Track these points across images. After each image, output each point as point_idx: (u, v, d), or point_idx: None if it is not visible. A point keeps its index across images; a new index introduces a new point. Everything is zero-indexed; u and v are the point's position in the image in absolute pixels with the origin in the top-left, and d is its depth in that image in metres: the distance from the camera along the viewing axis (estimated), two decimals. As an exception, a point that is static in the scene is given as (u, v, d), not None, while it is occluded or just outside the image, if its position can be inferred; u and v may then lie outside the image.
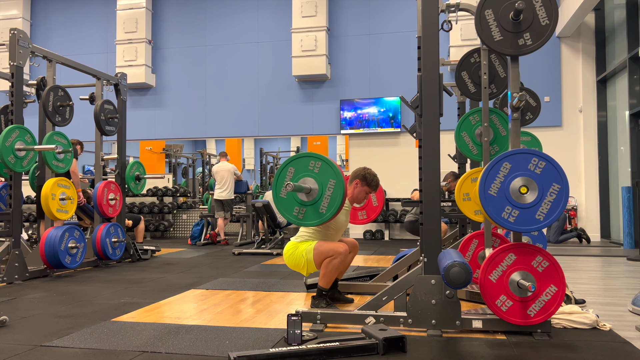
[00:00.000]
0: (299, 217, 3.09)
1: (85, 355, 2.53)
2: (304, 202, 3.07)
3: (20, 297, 4.04)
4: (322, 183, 3.05)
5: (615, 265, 5.82)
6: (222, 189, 8.31)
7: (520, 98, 2.84)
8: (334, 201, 3.03)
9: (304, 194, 3.06)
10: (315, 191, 3.05)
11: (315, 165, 3.06)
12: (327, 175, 3.05)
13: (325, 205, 3.04)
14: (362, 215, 4.29)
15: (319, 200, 3.05)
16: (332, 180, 3.04)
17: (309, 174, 3.06)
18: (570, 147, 8.90)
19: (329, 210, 3.04)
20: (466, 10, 3.40)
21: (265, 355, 2.38)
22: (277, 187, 3.11)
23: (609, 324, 3.00)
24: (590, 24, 8.90)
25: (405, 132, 6.85)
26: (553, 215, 2.63)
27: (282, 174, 3.11)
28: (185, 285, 4.56)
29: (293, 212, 3.09)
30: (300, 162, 3.10)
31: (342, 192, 3.02)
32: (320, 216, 3.06)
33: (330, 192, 3.03)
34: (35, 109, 5.79)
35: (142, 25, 10.44)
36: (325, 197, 3.04)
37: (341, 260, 3.36)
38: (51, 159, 5.23)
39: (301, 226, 3.26)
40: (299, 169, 3.08)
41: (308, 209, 3.07)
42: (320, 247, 3.37)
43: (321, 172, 3.05)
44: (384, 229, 9.43)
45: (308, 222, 3.10)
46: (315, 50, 9.55)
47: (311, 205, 3.06)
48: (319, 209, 3.05)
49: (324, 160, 3.07)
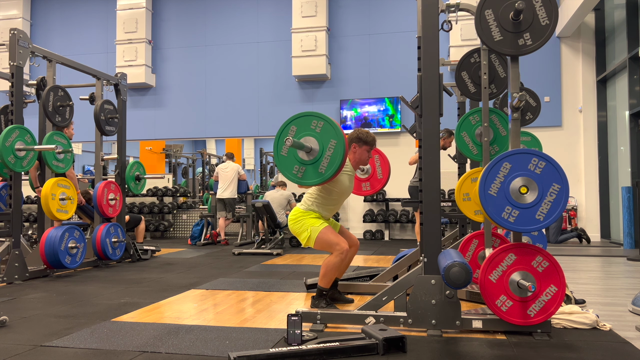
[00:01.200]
0: (298, 175, 3.09)
1: (85, 355, 2.53)
2: (304, 161, 3.06)
3: (20, 297, 4.04)
4: (323, 143, 3.04)
5: (615, 265, 5.82)
6: (225, 188, 8.30)
7: (520, 98, 2.84)
8: (333, 161, 3.02)
9: (305, 152, 3.05)
10: (316, 151, 3.04)
11: (318, 125, 3.06)
12: (329, 135, 3.04)
13: (325, 165, 3.03)
14: (366, 187, 4.24)
15: (319, 159, 3.04)
16: (333, 140, 3.03)
17: (311, 133, 3.06)
18: (570, 147, 8.90)
19: (328, 170, 3.03)
20: (466, 10, 3.40)
21: (265, 355, 2.38)
22: (278, 145, 3.11)
23: (609, 324, 3.00)
24: (590, 24, 8.91)
25: (405, 132, 6.85)
26: (553, 215, 2.63)
27: (284, 131, 3.10)
28: (185, 285, 4.56)
29: (292, 170, 3.09)
30: (302, 120, 3.09)
31: (342, 152, 3.01)
32: (319, 175, 3.05)
33: (330, 152, 3.02)
34: (35, 109, 5.79)
35: (142, 25, 10.44)
36: (325, 157, 3.03)
37: (341, 260, 3.36)
38: (51, 159, 5.23)
39: (300, 185, 3.23)
40: (301, 128, 3.07)
41: (308, 168, 3.06)
42: (325, 236, 3.38)
43: (323, 132, 3.04)
44: (384, 229, 9.43)
45: (307, 181, 3.09)
46: (315, 50, 9.55)
47: (311, 165, 3.05)
48: (319, 169, 3.04)
49: (326, 120, 3.06)
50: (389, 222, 9.32)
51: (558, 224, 8.10)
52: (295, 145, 2.97)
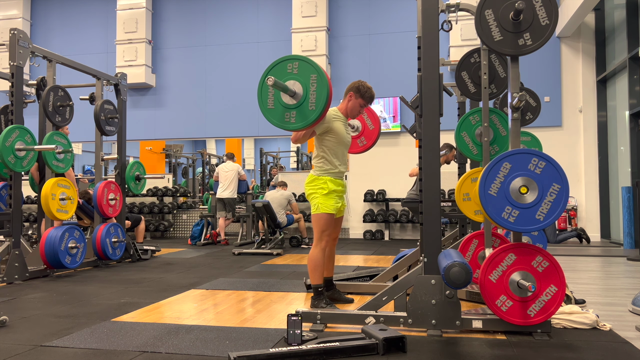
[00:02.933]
0: (291, 121, 3.06)
1: (85, 355, 2.53)
2: (291, 105, 3.04)
3: (20, 297, 4.04)
4: (305, 82, 3.01)
5: (615, 265, 5.82)
6: (224, 188, 8.30)
7: (520, 98, 2.84)
8: (320, 95, 2.99)
9: (290, 97, 3.02)
10: (300, 92, 3.01)
11: (293, 67, 3.03)
12: (307, 72, 3.01)
13: (313, 102, 3.01)
14: (362, 142, 4.19)
15: (306, 98, 3.02)
16: (313, 75, 3.00)
17: (290, 76, 3.03)
18: (570, 147, 8.90)
19: (318, 106, 3.00)
20: (466, 10, 3.40)
21: (265, 355, 2.38)
22: (262, 99, 3.08)
23: (609, 324, 3.00)
24: (590, 24, 8.90)
25: (405, 132, 6.85)
26: (553, 215, 2.64)
27: (263, 84, 3.07)
28: (185, 285, 4.56)
29: (284, 118, 3.06)
30: (278, 68, 3.06)
31: (325, 83, 2.98)
32: (309, 114, 3.01)
33: (314, 87, 3.00)
34: (35, 109, 5.79)
35: (142, 25, 10.44)
36: (310, 93, 3.01)
37: (320, 249, 3.41)
38: (51, 159, 5.23)
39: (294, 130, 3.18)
40: (279, 75, 3.04)
41: (297, 111, 3.04)
42: (321, 220, 3.43)
43: (300, 71, 3.02)
44: (384, 229, 9.42)
45: (301, 123, 3.05)
46: (315, 50, 9.54)
47: (300, 106, 3.03)
48: (308, 107, 3.01)
49: (300, 59, 3.04)
50: (389, 222, 9.32)
51: (553, 224, 8.11)
52: (277, 85, 2.93)
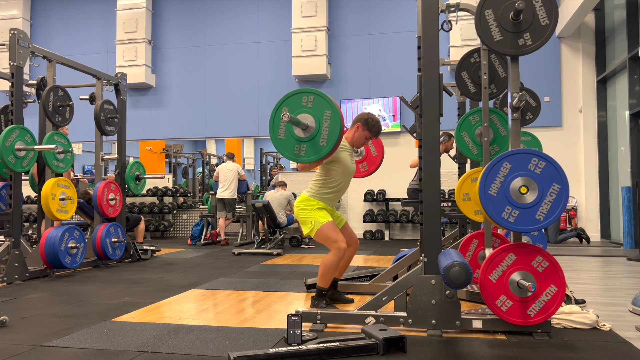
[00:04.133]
0: (300, 154, 3.04)
1: (85, 355, 2.53)
2: (302, 138, 3.02)
3: (20, 297, 4.04)
4: (318, 116, 3.00)
5: (615, 265, 5.82)
6: (224, 188, 8.30)
7: (520, 98, 2.84)
8: (332, 132, 2.98)
9: (301, 130, 3.01)
10: (313, 126, 3.00)
11: (309, 100, 3.02)
12: (322, 107, 3.00)
13: (325, 138, 2.99)
14: (364, 167, 4.20)
15: (318, 133, 3.00)
16: (327, 111, 2.99)
17: (304, 110, 3.02)
18: (570, 147, 8.90)
19: (329, 142, 2.99)
20: (466, 10, 3.40)
21: (265, 355, 2.38)
22: (274, 128, 3.06)
23: (609, 324, 3.00)
24: (590, 24, 8.90)
25: (405, 132, 6.85)
26: (553, 215, 2.63)
27: (277, 114, 3.05)
28: (185, 285, 4.56)
29: (294, 150, 3.05)
30: (293, 99, 3.05)
31: (339, 121, 2.97)
32: (321, 149, 3.00)
33: (327, 124, 2.98)
34: (35, 109, 5.79)
35: (142, 25, 10.44)
36: (323, 129, 2.99)
37: (338, 258, 3.35)
38: (51, 159, 5.23)
39: (304, 164, 3.19)
40: (293, 107, 3.03)
41: (308, 145, 3.02)
42: (326, 231, 3.36)
43: (315, 105, 3.01)
44: (384, 229, 9.42)
45: (310, 158, 3.04)
46: (315, 50, 9.55)
47: (311, 141, 3.01)
48: (319, 142, 3.00)
49: (315, 93, 3.03)
50: (389, 222, 9.32)
51: (556, 224, 8.10)
52: (292, 121, 2.92)
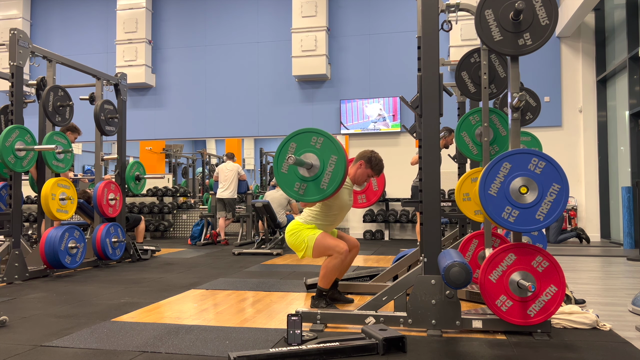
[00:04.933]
0: (299, 192, 3.07)
1: (85, 355, 2.53)
2: (305, 177, 3.04)
3: (20, 297, 4.04)
4: (324, 159, 3.02)
5: (615, 265, 5.82)
6: (224, 188, 8.30)
7: (520, 98, 2.84)
8: (335, 177, 3.01)
9: (305, 169, 3.03)
10: (317, 167, 3.02)
11: (317, 141, 3.04)
12: (329, 151, 3.02)
13: (327, 181, 3.02)
14: (362, 199, 4.24)
15: (320, 175, 3.02)
16: (334, 156, 3.01)
17: (311, 149, 3.04)
18: (570, 147, 8.90)
19: (330, 186, 3.02)
20: (466, 10, 3.40)
21: (265, 355, 2.38)
22: (278, 162, 3.08)
23: (609, 324, 3.00)
24: (590, 24, 8.90)
25: (405, 132, 6.85)
26: (553, 215, 2.63)
27: (284, 148, 3.08)
28: (185, 285, 4.56)
29: (294, 187, 3.07)
30: (302, 137, 3.07)
31: (343, 168, 3.00)
32: (321, 192, 3.03)
33: (331, 168, 3.01)
34: (35, 109, 5.79)
35: (142, 25, 10.44)
36: (326, 172, 3.02)
37: (341, 260, 3.36)
38: (51, 159, 5.23)
39: (302, 202, 3.22)
40: (301, 145, 3.05)
41: (309, 185, 3.05)
42: (322, 241, 3.36)
43: (323, 147, 3.03)
44: (384, 229, 9.42)
45: (309, 198, 3.07)
46: (315, 50, 9.55)
47: (312, 181, 3.04)
48: (320, 185, 3.02)
49: (326, 136, 3.05)
50: (389, 222, 9.32)
51: (559, 224, 8.10)
52: (297, 163, 2.96)
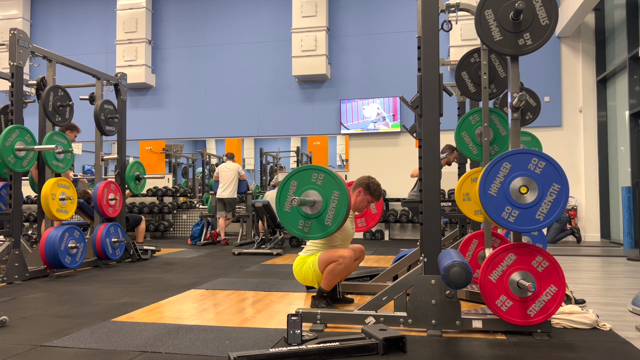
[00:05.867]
0: (304, 230, 3.09)
1: (85, 355, 2.53)
2: (308, 215, 3.06)
3: (20, 297, 4.04)
4: (326, 195, 3.03)
5: (615, 265, 5.82)
6: (224, 188, 8.31)
7: (520, 98, 2.84)
8: (338, 213, 3.03)
9: (308, 207, 3.05)
10: (320, 204, 3.04)
11: (318, 178, 3.05)
12: (331, 187, 3.03)
13: (330, 218, 3.04)
14: (361, 223, 4.30)
15: (324, 212, 3.04)
16: (336, 191, 3.03)
17: (312, 186, 3.06)
18: (570, 147, 8.90)
19: (334, 223, 3.04)
20: (466, 10, 3.40)
21: (265, 355, 2.38)
22: (280, 201, 3.10)
23: (609, 324, 3.00)
24: (590, 24, 8.91)
25: (405, 132, 6.85)
26: (553, 215, 2.64)
27: (285, 187, 3.10)
28: (185, 285, 4.56)
29: (298, 226, 3.09)
30: (302, 175, 3.09)
31: (346, 203, 3.02)
32: (325, 228, 3.05)
33: (334, 204, 3.03)
34: (35, 109, 5.79)
35: (142, 25, 10.44)
36: (329, 209, 3.03)
37: (346, 266, 3.36)
38: (51, 159, 5.23)
39: (307, 239, 3.25)
40: (302, 182, 3.07)
41: (313, 222, 3.07)
42: (324, 256, 3.39)
43: (324, 184, 3.04)
44: (384, 229, 9.42)
45: (313, 235, 3.09)
46: (315, 50, 9.55)
47: (316, 218, 3.06)
48: (324, 222, 3.04)
49: (326, 172, 3.06)
50: (389, 222, 9.32)
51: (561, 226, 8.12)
52: (302, 203, 2.98)
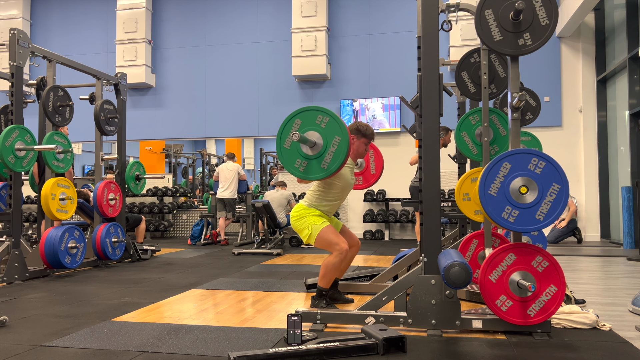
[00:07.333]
0: (300, 169, 3.06)
1: (85, 355, 2.53)
2: (307, 155, 3.04)
3: (20, 297, 4.04)
4: (328, 138, 3.01)
5: (615, 265, 5.82)
6: (224, 188, 8.31)
7: (520, 98, 2.84)
8: (337, 157, 3.00)
9: (308, 147, 3.03)
10: (320, 146, 3.01)
11: (323, 120, 3.03)
12: (334, 131, 3.01)
13: (328, 161, 3.01)
14: (359, 181, 4.23)
15: (322, 155, 3.01)
16: (338, 137, 3.00)
17: (316, 128, 3.03)
18: (570, 147, 8.90)
19: (332, 166, 3.01)
20: (466, 10, 3.40)
21: (265, 355, 2.38)
22: (281, 137, 3.08)
23: (609, 324, 3.00)
24: (590, 24, 8.90)
25: (405, 132, 6.85)
26: (553, 215, 2.64)
27: (288, 124, 3.07)
28: (185, 285, 4.56)
29: (295, 164, 3.06)
30: (308, 114, 3.06)
31: (346, 149, 3.00)
32: (322, 171, 3.03)
33: (334, 149, 3.00)
34: (35, 109, 5.79)
35: (142, 25, 10.44)
36: (328, 152, 3.01)
37: (340, 260, 3.36)
38: (51, 159, 5.23)
39: (302, 179, 3.22)
40: (306, 122, 3.04)
41: (310, 163, 3.04)
42: (326, 235, 3.37)
43: (328, 127, 3.02)
44: (384, 229, 9.42)
45: (309, 176, 3.06)
46: (315, 50, 9.55)
47: (314, 159, 3.03)
48: (322, 164, 3.02)
49: (332, 115, 3.04)
50: (389, 222, 9.32)
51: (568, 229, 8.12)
52: (301, 140, 2.94)
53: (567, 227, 8.11)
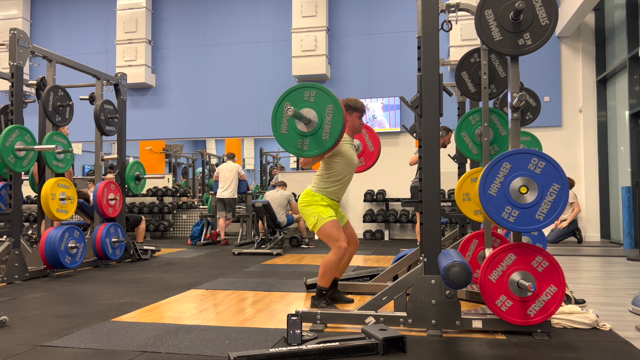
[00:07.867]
0: (303, 148, 3.06)
1: (85, 355, 2.53)
2: (305, 133, 3.03)
3: (20, 297, 4.04)
4: (320, 110, 3.01)
5: (615, 265, 5.82)
6: (224, 188, 8.31)
7: (520, 98, 2.84)
8: (335, 125, 3.00)
9: (304, 124, 3.02)
10: (315, 120, 3.01)
11: (310, 95, 3.03)
12: (324, 101, 3.01)
13: (327, 131, 3.01)
14: (361, 162, 4.22)
15: (320, 127, 3.01)
16: (330, 105, 3.00)
17: (306, 104, 3.03)
18: (570, 147, 8.90)
19: (332, 136, 3.00)
20: (466, 10, 3.40)
21: (265, 355, 2.38)
22: (276, 124, 3.07)
23: (609, 324, 3.00)
24: (590, 24, 8.90)
25: (405, 132, 6.85)
26: (553, 215, 2.64)
27: (279, 109, 3.07)
28: (185, 285, 4.56)
29: (297, 145, 3.06)
30: (295, 94, 3.06)
31: (341, 116, 2.99)
32: (324, 143, 3.01)
33: (330, 118, 3.00)
34: (35, 109, 5.79)
35: (142, 25, 10.44)
36: (325, 123, 3.01)
37: (339, 258, 3.37)
38: (51, 159, 5.23)
39: (307, 158, 3.22)
40: (295, 102, 3.04)
41: (310, 139, 3.03)
42: (329, 229, 3.38)
43: (317, 99, 3.02)
44: (384, 229, 9.42)
45: (313, 152, 3.05)
46: (315, 50, 9.55)
47: (313, 135, 3.03)
48: (322, 137, 3.01)
49: (317, 88, 3.05)
50: (389, 222, 9.31)
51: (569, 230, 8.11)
52: (296, 115, 2.93)
53: (568, 228, 8.10)
